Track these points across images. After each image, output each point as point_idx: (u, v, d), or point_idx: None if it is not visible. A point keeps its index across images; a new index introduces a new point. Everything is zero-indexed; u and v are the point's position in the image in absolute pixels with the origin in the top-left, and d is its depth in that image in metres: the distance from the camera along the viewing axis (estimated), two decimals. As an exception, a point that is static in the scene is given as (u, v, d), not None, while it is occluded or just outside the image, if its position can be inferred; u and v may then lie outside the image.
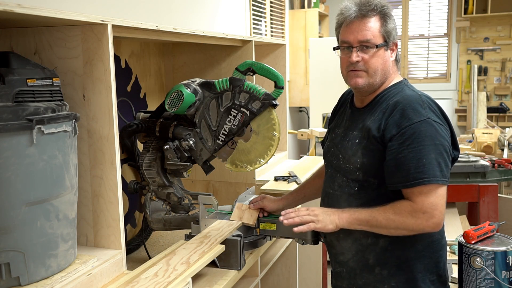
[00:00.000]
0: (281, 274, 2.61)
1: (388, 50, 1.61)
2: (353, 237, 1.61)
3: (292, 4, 5.91)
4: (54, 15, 1.19)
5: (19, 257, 1.19)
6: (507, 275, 1.59)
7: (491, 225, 1.71)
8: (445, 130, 1.51)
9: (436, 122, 1.49)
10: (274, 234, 1.91)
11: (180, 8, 3.13)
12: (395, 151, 1.49)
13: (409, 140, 1.47)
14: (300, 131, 4.40)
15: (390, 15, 1.60)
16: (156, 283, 1.36)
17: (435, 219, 1.45)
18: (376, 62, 1.58)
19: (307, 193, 1.98)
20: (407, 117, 1.49)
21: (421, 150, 1.46)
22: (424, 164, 1.45)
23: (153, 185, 1.91)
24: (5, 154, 1.13)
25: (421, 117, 1.48)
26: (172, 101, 1.76)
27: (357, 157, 1.58)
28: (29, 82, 1.21)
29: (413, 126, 1.47)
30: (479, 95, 6.48)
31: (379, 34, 1.58)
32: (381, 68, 1.59)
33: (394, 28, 1.61)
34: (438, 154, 1.46)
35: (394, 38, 1.61)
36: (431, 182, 1.45)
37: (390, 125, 1.51)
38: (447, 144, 1.49)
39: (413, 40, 7.39)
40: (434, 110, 1.52)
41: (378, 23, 1.58)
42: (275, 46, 2.87)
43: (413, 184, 1.47)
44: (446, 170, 1.48)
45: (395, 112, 1.52)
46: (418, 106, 1.50)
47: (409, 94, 1.56)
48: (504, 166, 3.81)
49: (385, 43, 1.58)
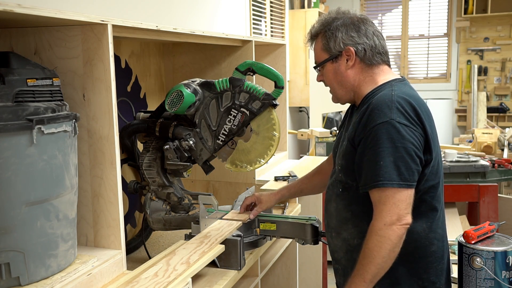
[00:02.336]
0: (281, 274, 2.61)
1: (339, 61, 1.60)
2: (342, 237, 1.63)
3: (292, 4, 5.90)
4: (54, 15, 1.19)
5: (19, 257, 1.19)
6: (507, 275, 1.59)
7: (491, 225, 1.71)
8: (413, 132, 1.45)
9: (401, 123, 1.44)
10: (274, 234, 1.91)
11: (180, 8, 3.13)
12: (360, 154, 1.50)
13: (372, 142, 1.46)
14: (300, 131, 4.40)
15: (330, 28, 1.60)
16: (156, 283, 1.36)
17: (398, 224, 1.42)
18: (328, 78, 1.65)
19: (303, 188, 1.99)
20: (372, 119, 1.47)
21: (380, 152, 1.43)
22: (381, 167, 1.43)
23: (153, 185, 1.91)
24: (5, 154, 1.13)
25: (384, 118, 1.45)
26: (172, 101, 1.75)
27: (339, 159, 1.61)
28: (29, 82, 1.21)
29: (375, 127, 1.45)
30: (479, 95, 6.48)
31: (321, 52, 1.64)
32: (335, 81, 1.63)
33: (340, 38, 1.58)
34: (398, 157, 1.42)
35: (342, 46, 1.58)
36: (386, 185, 1.42)
37: (360, 128, 1.51)
38: (411, 147, 1.44)
39: (413, 40, 7.39)
40: (403, 110, 1.46)
41: (319, 43, 1.64)
42: (275, 46, 2.87)
43: (370, 187, 1.45)
44: (408, 174, 1.43)
45: (365, 115, 1.50)
46: (384, 107, 1.47)
47: (382, 95, 1.52)
48: (504, 166, 3.81)
49: (329, 57, 1.61)
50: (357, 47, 1.58)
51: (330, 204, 1.68)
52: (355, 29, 1.59)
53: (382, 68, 1.62)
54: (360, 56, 1.59)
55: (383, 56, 1.62)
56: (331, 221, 1.68)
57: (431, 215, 1.56)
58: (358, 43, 1.58)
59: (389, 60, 1.66)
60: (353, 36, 1.58)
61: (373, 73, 1.61)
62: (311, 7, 5.77)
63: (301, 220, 1.88)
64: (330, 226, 1.69)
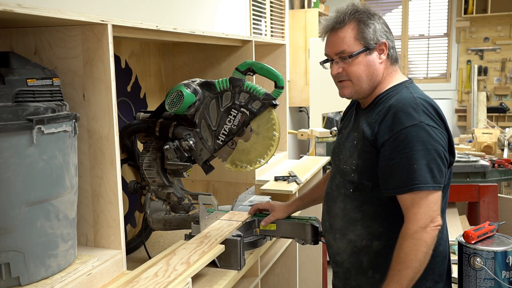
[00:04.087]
0: (281, 274, 2.61)
1: (373, 53, 1.57)
2: (348, 239, 1.61)
3: (292, 4, 5.90)
4: (54, 15, 1.19)
5: (19, 257, 1.19)
6: (507, 275, 1.59)
7: (491, 225, 1.71)
8: (441, 134, 1.47)
9: (430, 126, 1.45)
10: (274, 234, 1.91)
11: (180, 8, 3.13)
12: (387, 157, 1.48)
13: (401, 145, 1.45)
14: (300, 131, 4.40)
15: (366, 19, 1.56)
16: (156, 283, 1.36)
17: (432, 225, 1.43)
18: (357, 69, 1.57)
19: (316, 197, 1.96)
20: (399, 121, 1.46)
21: (413, 155, 1.43)
22: (415, 170, 1.42)
23: (153, 185, 1.91)
24: (5, 154, 1.13)
25: (413, 121, 1.45)
26: (172, 101, 1.76)
27: (353, 158, 1.58)
28: (29, 82, 1.21)
29: (405, 130, 1.44)
30: (479, 95, 6.48)
31: (354, 41, 1.56)
32: (365, 74, 1.57)
33: (377, 29, 1.56)
34: (431, 159, 1.43)
35: (378, 39, 1.56)
36: (421, 188, 1.42)
37: (383, 129, 1.49)
38: (441, 149, 1.45)
39: (413, 40, 7.39)
40: (429, 113, 1.47)
41: (352, 31, 1.56)
42: (275, 46, 2.88)
43: (404, 191, 1.44)
44: (439, 176, 1.44)
45: (388, 116, 1.49)
46: (411, 109, 1.46)
47: (404, 97, 1.52)
48: (504, 166, 3.81)
49: (364, 48, 1.55)
50: (389, 43, 1.59)
51: (335, 205, 1.65)
52: (385, 24, 1.60)
53: (396, 68, 1.64)
54: (390, 52, 1.60)
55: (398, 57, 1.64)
56: (335, 223, 1.65)
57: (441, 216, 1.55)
58: (389, 39, 1.59)
59: None
60: (387, 31, 1.59)
61: (392, 71, 1.62)
62: (311, 7, 5.77)
63: (301, 220, 1.88)
64: (334, 228, 1.66)
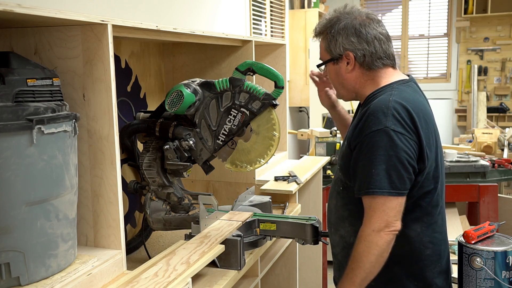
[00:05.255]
0: (281, 274, 2.61)
1: (340, 63, 1.62)
2: (339, 234, 1.69)
3: (292, 4, 5.90)
4: (54, 15, 1.19)
5: (19, 257, 1.19)
6: (507, 275, 1.59)
7: (491, 225, 1.71)
8: (407, 140, 1.44)
9: (396, 131, 1.43)
10: (274, 234, 1.91)
11: (180, 8, 3.13)
12: (355, 159, 1.52)
13: (365, 149, 1.47)
14: (300, 131, 4.40)
15: (331, 31, 1.61)
16: (156, 283, 1.36)
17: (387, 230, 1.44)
18: (330, 77, 1.71)
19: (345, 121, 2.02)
20: (367, 125, 1.48)
21: (373, 160, 1.44)
22: (372, 175, 1.44)
23: (153, 185, 1.91)
24: (5, 154, 1.13)
25: (379, 125, 1.45)
26: (172, 101, 1.75)
27: (339, 158, 1.67)
28: (29, 82, 1.21)
29: (370, 135, 1.46)
30: (479, 95, 6.48)
31: (324, 52, 1.67)
32: (337, 82, 1.68)
33: (340, 42, 1.59)
34: (390, 165, 1.43)
35: (342, 50, 1.60)
36: (376, 193, 1.43)
37: (356, 132, 1.52)
38: (404, 155, 1.43)
39: (413, 40, 7.39)
40: (399, 118, 1.45)
41: (323, 43, 1.67)
42: (275, 46, 2.87)
43: (362, 193, 1.48)
44: (399, 182, 1.43)
45: (362, 119, 1.51)
46: (380, 113, 1.46)
47: (380, 100, 1.51)
48: (504, 166, 3.81)
49: (330, 58, 1.65)
50: (356, 52, 1.59)
51: (331, 201, 1.74)
52: (356, 34, 1.58)
53: (386, 71, 1.62)
54: (359, 61, 1.60)
55: (384, 60, 1.60)
56: (331, 217, 1.74)
57: (426, 220, 1.57)
58: (357, 48, 1.58)
59: (393, 62, 1.64)
60: (353, 42, 1.58)
61: (375, 76, 1.61)
62: (311, 7, 5.77)
63: (301, 220, 1.88)
64: (330, 222, 1.75)
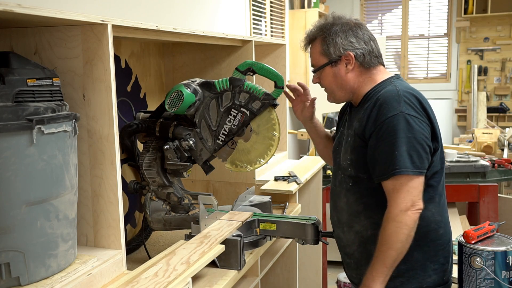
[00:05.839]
0: (281, 274, 2.61)
1: (339, 65, 1.68)
2: (354, 230, 1.71)
3: (292, 4, 5.90)
4: (54, 15, 1.19)
5: (19, 257, 1.19)
6: (507, 275, 1.59)
7: (491, 225, 1.72)
8: (421, 122, 1.55)
9: (410, 115, 1.54)
10: (274, 234, 1.91)
11: (180, 8, 3.13)
12: (373, 147, 1.58)
13: (384, 134, 1.55)
14: (300, 131, 4.40)
15: (330, 34, 1.67)
16: (156, 283, 1.36)
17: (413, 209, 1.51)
18: (326, 80, 1.73)
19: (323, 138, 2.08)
20: (382, 113, 1.56)
21: (394, 143, 1.52)
22: (396, 156, 1.52)
23: (153, 185, 1.91)
24: (5, 154, 1.13)
25: (395, 111, 1.54)
26: (172, 101, 1.75)
27: (347, 154, 1.69)
28: (29, 82, 1.21)
29: (387, 121, 1.54)
30: (479, 95, 6.48)
31: (319, 56, 1.71)
32: (334, 84, 1.71)
33: (339, 43, 1.66)
34: (410, 146, 1.52)
35: (341, 51, 1.66)
36: (402, 173, 1.51)
37: (370, 123, 1.59)
38: (421, 137, 1.54)
39: (413, 40, 7.39)
40: (410, 103, 1.56)
41: (318, 47, 1.71)
42: (275, 46, 2.87)
43: (387, 176, 1.54)
44: (419, 162, 1.53)
45: (374, 110, 1.59)
46: (393, 101, 1.56)
47: (388, 91, 1.61)
48: (504, 166, 3.81)
49: (328, 61, 1.69)
50: (356, 52, 1.67)
51: (340, 200, 1.75)
52: (354, 35, 1.68)
53: (379, 69, 1.72)
54: (359, 60, 1.68)
55: (379, 58, 1.72)
56: (342, 217, 1.76)
57: (437, 200, 1.65)
58: (357, 48, 1.67)
59: (383, 60, 1.76)
60: (352, 42, 1.67)
61: (371, 74, 1.71)
62: (311, 7, 5.77)
63: (301, 220, 1.88)
64: (341, 222, 1.76)
